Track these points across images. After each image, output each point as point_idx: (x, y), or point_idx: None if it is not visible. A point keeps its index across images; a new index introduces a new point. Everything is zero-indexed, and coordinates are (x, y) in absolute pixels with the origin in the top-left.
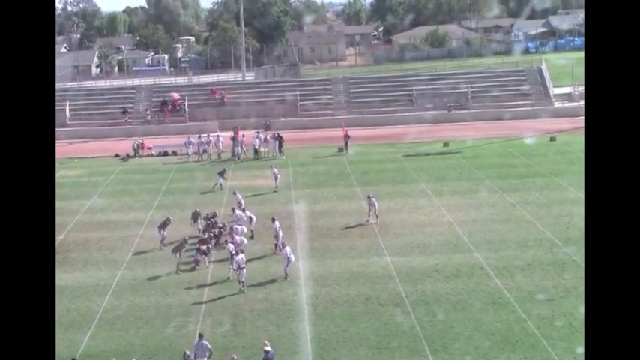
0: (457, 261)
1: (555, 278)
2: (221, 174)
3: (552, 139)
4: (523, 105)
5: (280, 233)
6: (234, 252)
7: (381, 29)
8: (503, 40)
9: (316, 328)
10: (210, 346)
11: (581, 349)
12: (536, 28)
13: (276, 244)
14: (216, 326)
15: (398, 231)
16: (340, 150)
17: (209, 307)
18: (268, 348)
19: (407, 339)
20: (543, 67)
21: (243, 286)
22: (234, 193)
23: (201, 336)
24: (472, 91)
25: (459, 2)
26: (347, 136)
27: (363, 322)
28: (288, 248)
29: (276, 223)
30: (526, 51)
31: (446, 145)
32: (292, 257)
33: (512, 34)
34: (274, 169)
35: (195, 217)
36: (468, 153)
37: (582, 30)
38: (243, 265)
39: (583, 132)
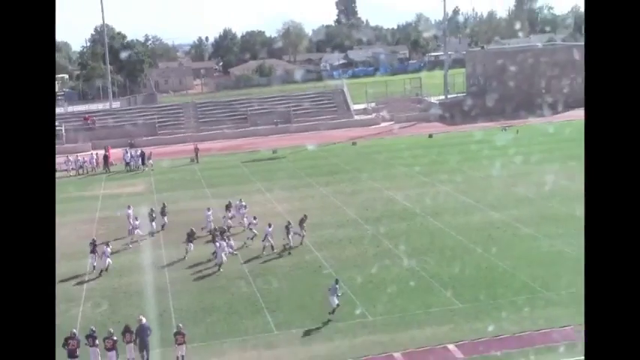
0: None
1: (360, 249)
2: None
3: (354, 144)
4: (331, 118)
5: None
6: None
7: (221, 64)
8: (315, 69)
9: (177, 303)
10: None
11: (379, 300)
12: (338, 59)
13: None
14: (96, 307)
15: (240, 221)
16: (192, 160)
17: (89, 292)
18: (143, 319)
19: (250, 304)
20: (345, 89)
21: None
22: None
23: (337, 281)
24: (293, 110)
25: (281, 42)
26: (197, 149)
27: (215, 294)
28: (108, 249)
29: (270, 228)
30: (331, 77)
31: (274, 152)
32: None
33: (321, 65)
34: (128, 210)
35: None
36: (292, 157)
37: (372, 60)
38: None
39: (376, 137)
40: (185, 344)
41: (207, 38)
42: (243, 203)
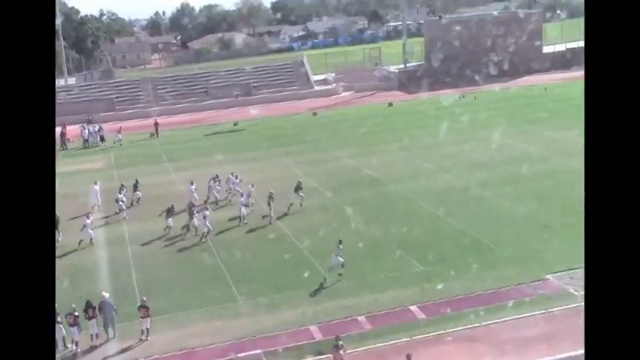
0: (247, 212)
1: (322, 218)
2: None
3: (314, 114)
4: (292, 90)
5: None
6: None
7: (179, 38)
8: (274, 41)
9: (142, 276)
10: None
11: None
12: (297, 31)
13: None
14: (57, 284)
15: (204, 193)
16: (152, 135)
17: None
18: (105, 295)
19: (215, 275)
20: (304, 60)
21: None
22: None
23: (340, 241)
24: (253, 82)
25: (239, 15)
26: (156, 124)
27: (179, 267)
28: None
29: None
30: (291, 49)
31: (235, 124)
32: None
33: (281, 37)
34: (95, 186)
35: None
36: (253, 129)
37: (331, 32)
38: None
39: (336, 107)
40: (149, 317)
41: (164, 12)
42: (236, 175)
